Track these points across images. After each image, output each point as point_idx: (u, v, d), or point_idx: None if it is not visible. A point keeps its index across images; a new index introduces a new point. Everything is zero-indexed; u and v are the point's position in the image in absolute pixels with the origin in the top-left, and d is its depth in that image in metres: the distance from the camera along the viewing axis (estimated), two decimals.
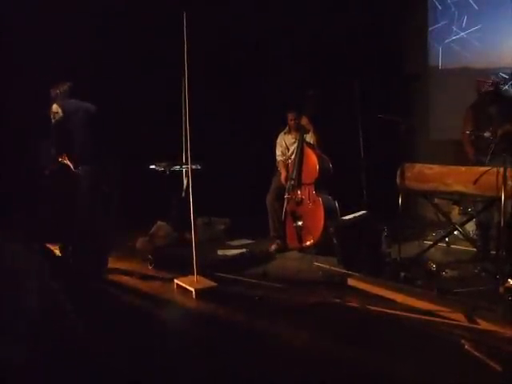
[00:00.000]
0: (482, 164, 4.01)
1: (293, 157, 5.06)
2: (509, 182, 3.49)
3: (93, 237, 4.15)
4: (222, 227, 5.78)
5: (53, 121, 4.16)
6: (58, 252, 4.28)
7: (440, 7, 6.58)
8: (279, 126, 5.29)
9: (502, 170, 3.51)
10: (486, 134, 4.18)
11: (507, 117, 4.33)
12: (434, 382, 2.39)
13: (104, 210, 4.24)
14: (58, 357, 2.30)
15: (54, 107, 4.15)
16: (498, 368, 2.41)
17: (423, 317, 3.09)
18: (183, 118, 4.64)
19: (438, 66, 6.67)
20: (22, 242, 2.58)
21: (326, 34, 6.06)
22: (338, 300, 3.44)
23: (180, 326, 3.31)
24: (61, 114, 4.13)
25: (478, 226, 4.46)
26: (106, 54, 5.75)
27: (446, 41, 6.55)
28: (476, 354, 2.57)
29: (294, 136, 5.15)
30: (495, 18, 6.17)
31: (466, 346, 2.65)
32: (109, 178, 4.24)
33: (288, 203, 4.96)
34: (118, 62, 5.82)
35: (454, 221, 4.46)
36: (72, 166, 4.15)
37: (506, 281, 3.28)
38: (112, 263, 4.57)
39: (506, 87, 6.08)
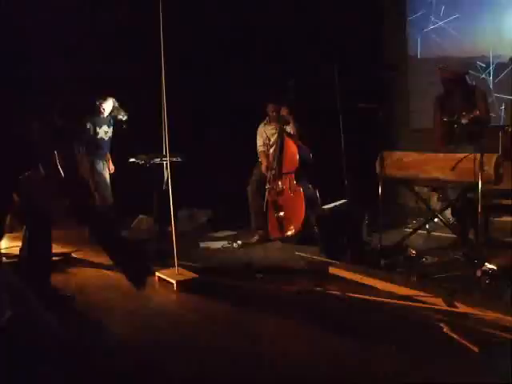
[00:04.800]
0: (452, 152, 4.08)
1: (273, 147, 5.06)
2: (485, 168, 3.54)
3: None
4: (205, 219, 5.77)
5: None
6: None
7: None
8: (260, 117, 5.29)
9: (478, 156, 3.56)
10: (461, 120, 4.25)
11: (471, 104, 4.39)
12: (414, 365, 2.42)
13: None
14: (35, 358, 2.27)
15: None
16: (475, 349, 2.46)
17: (403, 302, 3.13)
18: (162, 110, 4.60)
19: (417, 55, 6.72)
20: None
21: (304, 24, 6.06)
22: (319, 288, 3.46)
23: (162, 318, 3.29)
24: None
25: (455, 212, 4.52)
26: (87, 46, 5.69)
27: (425, 30, 6.60)
28: (454, 336, 2.61)
29: (274, 127, 5.15)
30: (472, 8, 6.23)
31: (445, 329, 2.69)
32: None
33: (269, 193, 4.97)
34: (98, 52, 5.76)
35: (433, 208, 4.51)
36: None
37: (483, 265, 3.34)
38: (93, 257, 4.55)
39: (484, 76, 6.17)
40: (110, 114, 5.41)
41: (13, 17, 5.23)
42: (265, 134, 5.21)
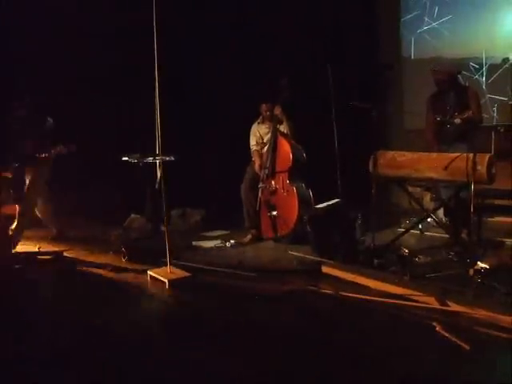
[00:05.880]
0: (444, 152, 4.10)
1: (267, 146, 5.05)
2: (478, 168, 3.54)
3: None
4: (198, 218, 5.76)
5: None
6: None
7: None
8: (253, 116, 5.27)
9: (471, 155, 3.57)
10: (454, 120, 4.26)
11: (463, 104, 4.40)
12: (407, 363, 2.42)
13: None
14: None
15: None
16: (467, 347, 2.46)
17: (396, 301, 3.13)
18: (155, 108, 4.59)
19: (411, 55, 6.73)
20: None
21: (298, 24, 6.06)
22: (312, 287, 3.46)
23: (154, 317, 3.28)
24: None
25: (447, 212, 4.52)
26: (81, 43, 5.68)
27: (418, 31, 6.61)
28: (446, 334, 2.61)
29: (267, 126, 5.13)
30: (465, 9, 6.25)
31: (437, 328, 2.69)
32: None
33: (262, 193, 4.95)
34: (91, 50, 5.75)
35: (425, 207, 4.51)
36: None
37: (476, 264, 3.34)
38: (86, 256, 4.54)
39: (476, 77, 6.19)
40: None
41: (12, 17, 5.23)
42: (258, 134, 5.19)
